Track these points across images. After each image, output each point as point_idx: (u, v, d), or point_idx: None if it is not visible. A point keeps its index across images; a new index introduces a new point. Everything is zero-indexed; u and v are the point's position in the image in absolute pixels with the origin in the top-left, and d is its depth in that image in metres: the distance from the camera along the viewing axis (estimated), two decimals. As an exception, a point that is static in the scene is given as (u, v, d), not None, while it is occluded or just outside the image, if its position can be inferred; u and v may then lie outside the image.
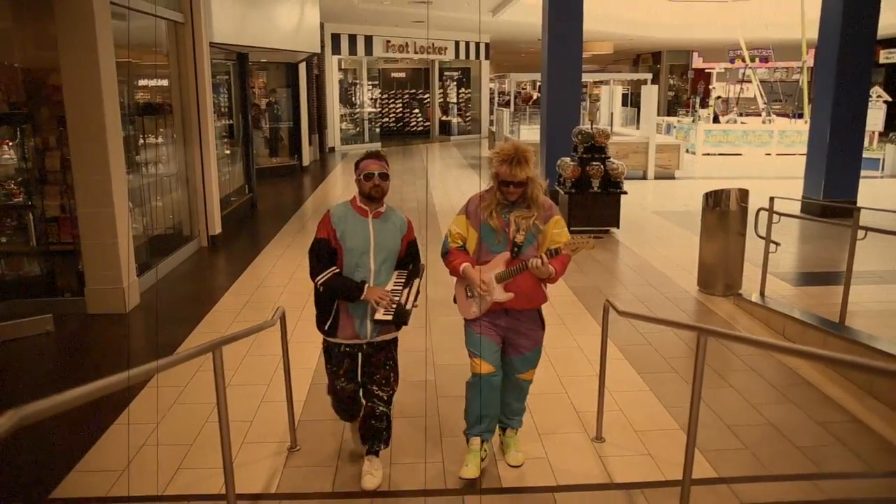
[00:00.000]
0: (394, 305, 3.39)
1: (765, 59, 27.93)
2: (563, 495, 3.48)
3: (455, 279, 3.72)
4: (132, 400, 4.62)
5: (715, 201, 6.91)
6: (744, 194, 6.82)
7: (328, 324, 3.53)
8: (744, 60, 24.28)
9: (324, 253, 3.47)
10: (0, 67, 6.86)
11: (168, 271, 8.02)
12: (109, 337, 6.08)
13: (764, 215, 6.53)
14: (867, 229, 5.39)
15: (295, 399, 4.14)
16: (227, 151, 11.82)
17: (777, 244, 6.47)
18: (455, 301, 3.75)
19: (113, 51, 6.37)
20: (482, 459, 3.66)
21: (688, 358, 5.37)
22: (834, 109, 10.50)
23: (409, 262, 3.63)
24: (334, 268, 3.46)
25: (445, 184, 14.50)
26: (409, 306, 3.40)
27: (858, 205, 9.71)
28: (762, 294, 6.54)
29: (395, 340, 3.66)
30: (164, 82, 8.63)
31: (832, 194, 10.57)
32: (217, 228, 9.48)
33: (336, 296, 3.49)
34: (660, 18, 24.61)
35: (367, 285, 3.42)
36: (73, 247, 6.75)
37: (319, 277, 3.44)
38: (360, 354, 3.60)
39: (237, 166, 12.15)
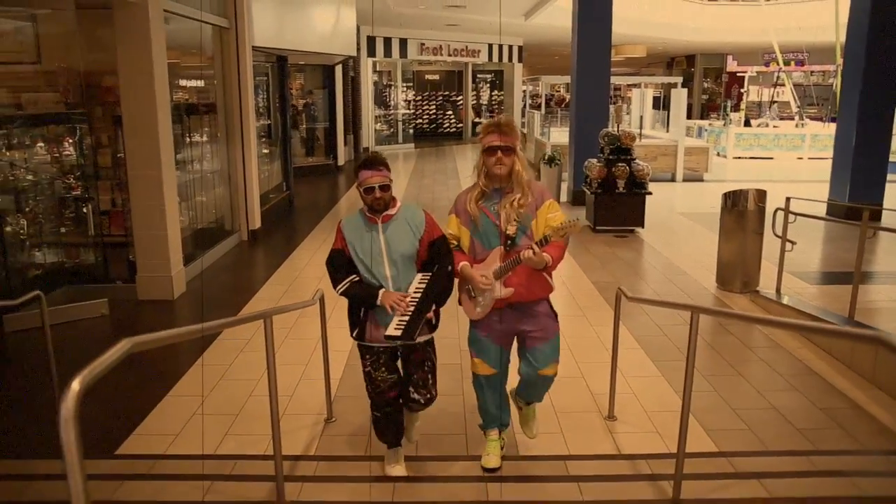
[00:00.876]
0: (407, 315, 3.28)
1: (800, 63, 27.82)
2: (574, 463, 3.81)
3: (457, 281, 3.63)
4: (183, 375, 5.07)
5: (733, 202, 7.17)
6: (761, 195, 7.07)
7: (356, 331, 3.50)
8: (777, 64, 24.23)
9: (341, 263, 3.44)
10: (60, 71, 7.38)
11: (211, 262, 8.48)
12: (158, 321, 6.53)
13: (781, 215, 6.77)
14: (876, 228, 5.61)
15: (332, 376, 4.53)
16: (266, 151, 12.30)
17: (793, 243, 6.70)
18: (460, 303, 3.70)
19: (165, 55, 6.83)
20: (501, 448, 3.77)
21: (701, 348, 5.65)
22: (860, 112, 10.62)
23: (433, 262, 3.46)
24: (353, 276, 3.42)
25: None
26: (421, 319, 3.29)
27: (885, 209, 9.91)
28: (778, 291, 6.77)
29: (430, 341, 3.55)
30: (210, 84, 9.11)
31: (858, 197, 10.67)
32: (257, 223, 9.94)
33: (356, 302, 3.47)
34: (692, 22, 24.73)
35: (382, 291, 3.35)
36: (123, 238, 7.25)
37: (339, 287, 3.41)
38: (397, 351, 3.53)
39: (275, 165, 12.63)
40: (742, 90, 29.75)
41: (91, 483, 1.52)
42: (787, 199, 6.76)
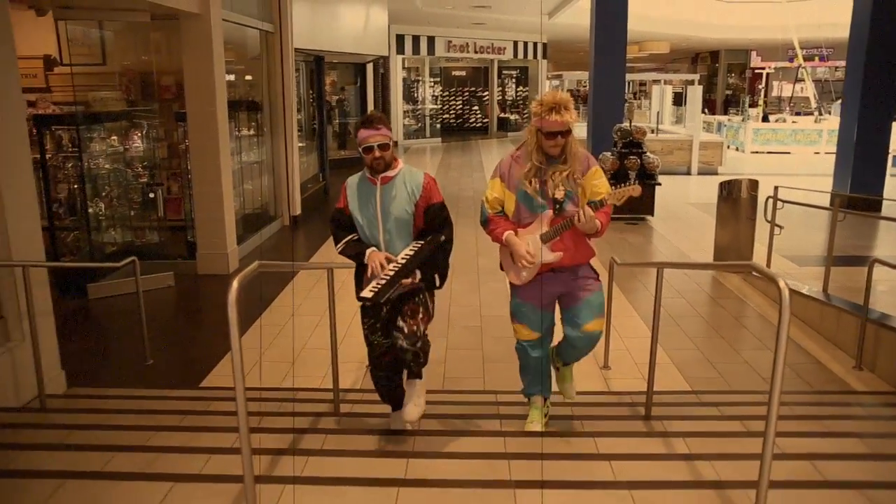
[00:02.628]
0: (384, 279, 3.21)
1: (824, 59, 28.18)
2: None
3: (500, 247, 3.66)
4: (246, 331, 6.01)
5: (728, 191, 7.95)
6: (753, 184, 7.84)
7: (359, 289, 3.45)
8: (793, 60, 24.69)
9: (343, 222, 3.46)
10: (124, 71, 8.36)
11: (258, 244, 9.43)
12: (216, 291, 7.47)
13: (771, 203, 7.54)
14: (846, 212, 6.38)
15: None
16: (302, 144, 13.25)
17: (781, 227, 7.47)
18: (502, 268, 3.72)
19: (223, 57, 7.77)
20: (545, 415, 3.77)
21: (692, 317, 6.47)
22: (861, 108, 11.28)
23: (430, 231, 3.40)
24: (353, 234, 3.44)
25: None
26: (395, 285, 3.19)
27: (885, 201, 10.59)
28: (768, 270, 7.54)
29: (431, 297, 3.51)
30: (257, 83, 10.06)
31: (859, 189, 11.33)
32: (297, 210, 10.88)
33: (349, 257, 3.47)
34: (714, 19, 25.24)
35: (370, 250, 3.35)
36: (182, 222, 8.22)
37: (339, 245, 3.45)
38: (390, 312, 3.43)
39: (312, 156, 13.58)
40: (759, 86, 30.15)
41: (183, 403, 2.40)
42: (776, 189, 7.53)
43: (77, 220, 7.44)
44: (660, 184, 10.87)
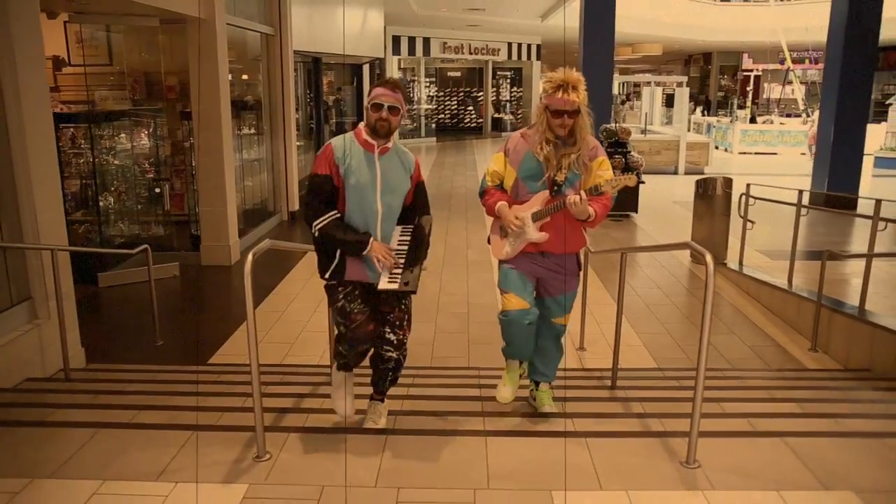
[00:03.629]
0: (398, 269, 3.13)
1: (814, 61, 28.68)
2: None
3: (492, 220, 3.67)
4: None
5: (704, 188, 8.40)
6: (727, 182, 8.30)
7: (332, 269, 3.22)
8: (783, 62, 25.19)
9: (325, 191, 3.12)
10: (129, 71, 8.78)
11: (258, 237, 9.85)
12: (218, 281, 7.91)
13: (744, 199, 7.98)
14: (809, 207, 6.84)
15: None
16: (300, 143, 13.67)
17: (752, 222, 7.92)
18: (489, 242, 3.72)
19: (227, 59, 8.20)
20: (520, 376, 3.77)
21: (665, 306, 6.93)
22: (838, 110, 11.76)
23: (414, 211, 3.33)
24: (335, 212, 3.14)
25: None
26: (416, 272, 3.12)
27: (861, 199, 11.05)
28: (740, 263, 8.00)
29: (407, 295, 3.34)
30: (257, 83, 10.48)
31: (835, 188, 11.80)
32: (295, 206, 11.30)
33: (335, 245, 3.16)
34: (705, 22, 25.76)
35: (372, 240, 3.13)
36: (185, 217, 8.65)
37: (318, 221, 3.12)
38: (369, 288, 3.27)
39: (310, 155, 14.00)
40: (748, 88, 30.65)
41: (194, 376, 2.83)
42: (748, 186, 7.98)
43: (87, 212, 7.86)
44: (643, 182, 11.33)
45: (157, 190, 8.60)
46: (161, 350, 5.69)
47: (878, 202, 5.90)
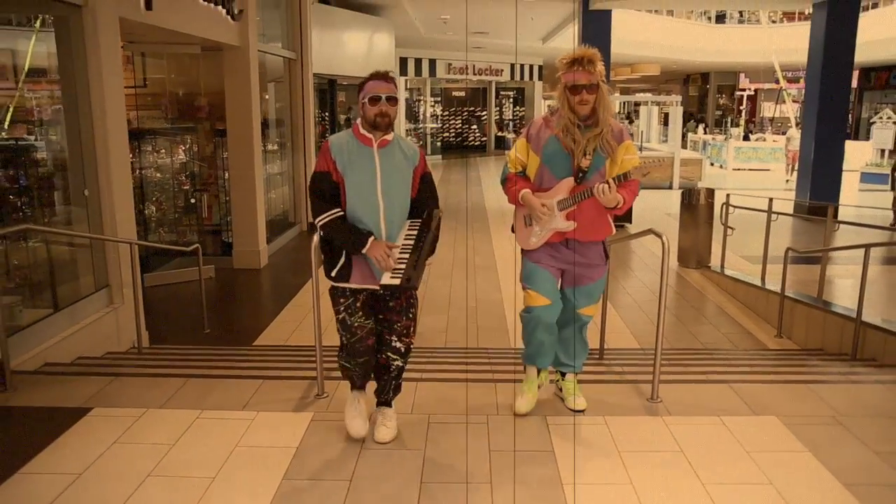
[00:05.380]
0: (400, 267, 3.03)
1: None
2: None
3: (514, 208, 3.58)
4: (286, 305, 7.31)
5: (689, 198, 9.27)
6: (710, 192, 9.17)
7: (337, 269, 3.17)
8: (778, 82, 26.15)
9: (325, 188, 3.10)
10: (164, 94, 9.70)
11: (281, 246, 10.72)
12: (250, 282, 8.77)
13: (726, 208, 8.85)
14: (779, 213, 7.70)
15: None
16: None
17: (732, 229, 8.77)
18: (513, 230, 3.63)
19: (258, 82, 9.11)
20: (539, 387, 3.67)
21: (652, 301, 7.77)
22: (817, 129, 12.66)
23: (421, 205, 3.23)
24: (338, 209, 3.10)
25: (497, 191, 16.86)
26: (419, 268, 3.03)
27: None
28: (722, 266, 8.84)
29: (413, 305, 3.32)
30: (281, 103, 11.41)
31: (817, 197, 12.65)
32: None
33: (336, 243, 3.14)
34: (700, 43, 26.77)
35: (371, 239, 3.06)
36: (217, 226, 9.53)
37: (321, 217, 3.11)
38: (376, 294, 3.23)
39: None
40: (741, 107, 31.61)
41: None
42: (727, 195, 8.85)
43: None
44: (637, 195, 12.17)
45: (193, 200, 9.50)
46: (209, 336, 6.54)
47: (835, 208, 6.77)
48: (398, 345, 3.29)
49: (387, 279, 3.03)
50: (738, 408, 3.72)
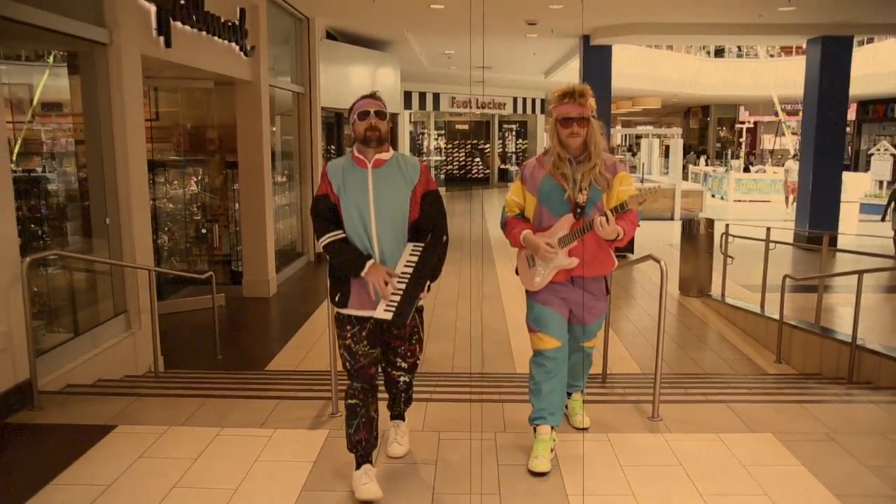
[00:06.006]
0: (395, 297, 3.00)
1: (807, 114, 30.00)
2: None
3: (517, 250, 3.60)
4: (295, 333, 7.48)
5: (689, 229, 9.47)
6: (709, 222, 9.38)
7: (339, 294, 3.17)
8: (777, 114, 26.54)
9: (323, 210, 3.14)
10: (175, 127, 9.98)
11: (289, 275, 10.92)
12: (260, 310, 8.95)
13: (726, 238, 9.05)
14: (777, 242, 7.88)
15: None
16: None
17: (732, 258, 8.95)
18: (517, 273, 3.63)
19: (269, 116, 9.39)
20: (551, 450, 3.45)
21: (654, 329, 7.92)
22: (815, 161, 12.90)
23: (425, 227, 3.16)
24: (340, 231, 3.12)
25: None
26: (413, 301, 3.03)
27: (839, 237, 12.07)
28: (722, 294, 9.00)
29: (419, 310, 3.31)
30: (290, 135, 11.70)
31: (815, 227, 12.82)
32: (320, 248, 12.36)
33: (335, 263, 3.15)
34: (699, 77, 27.21)
35: (370, 262, 3.04)
36: (227, 256, 9.74)
37: (323, 238, 3.13)
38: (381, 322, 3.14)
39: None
40: (740, 140, 31.98)
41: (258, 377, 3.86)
42: (727, 226, 9.05)
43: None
44: (638, 225, 12.38)
45: (204, 230, 9.72)
46: (222, 362, 6.70)
47: (831, 237, 6.94)
48: (403, 364, 3.35)
49: (380, 312, 3.02)
50: (736, 425, 3.88)
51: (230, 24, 7.90)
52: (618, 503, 3.07)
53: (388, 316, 2.98)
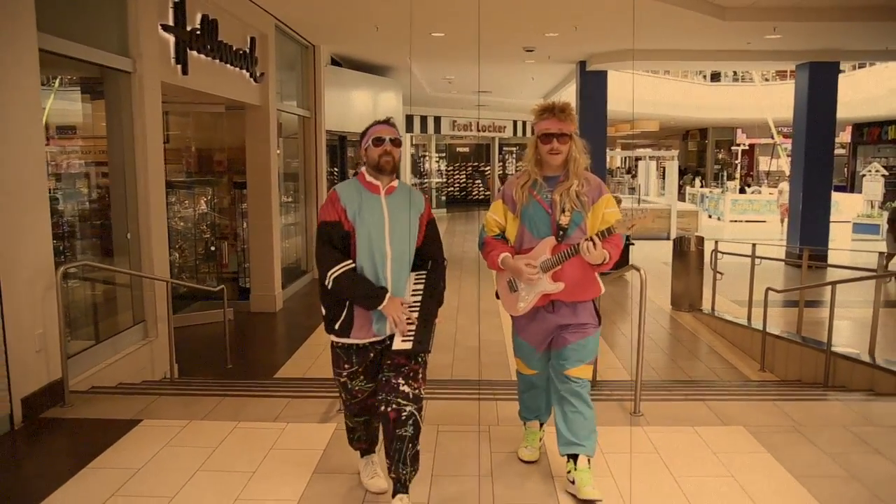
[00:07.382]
0: (412, 327, 2.96)
1: (803, 136, 30.49)
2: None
3: (496, 274, 3.46)
4: (298, 348, 7.82)
5: (681, 246, 9.84)
6: (699, 240, 9.75)
7: (339, 323, 3.05)
8: (773, 137, 27.01)
9: (335, 239, 2.98)
10: (185, 149, 10.39)
11: (294, 292, 11.28)
12: (267, 324, 9.31)
13: (715, 254, 9.41)
14: (762, 258, 8.25)
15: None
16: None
17: (721, 274, 9.31)
18: (497, 297, 3.51)
19: (277, 138, 9.80)
20: (540, 440, 3.68)
21: (651, 349, 8.26)
22: (805, 181, 13.30)
23: (426, 254, 3.16)
24: (349, 261, 2.98)
25: (499, 240, 17.77)
26: (430, 328, 2.99)
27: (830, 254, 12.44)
28: (713, 309, 9.35)
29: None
30: (295, 158, 12.12)
31: (806, 243, 13.16)
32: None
33: (347, 296, 3.00)
34: (696, 101, 27.73)
35: (388, 295, 2.96)
36: (234, 273, 10.12)
37: (333, 271, 2.96)
38: (381, 349, 3.09)
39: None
40: (735, 161, 32.45)
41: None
42: (716, 242, 9.42)
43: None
44: (633, 244, 12.77)
45: (213, 248, 10.10)
46: (232, 370, 7.05)
47: (808, 252, 7.32)
48: (406, 389, 2.98)
49: (398, 343, 2.95)
50: (711, 420, 4.23)
51: (241, 52, 8.35)
52: (598, 484, 3.40)
53: (408, 346, 2.92)
